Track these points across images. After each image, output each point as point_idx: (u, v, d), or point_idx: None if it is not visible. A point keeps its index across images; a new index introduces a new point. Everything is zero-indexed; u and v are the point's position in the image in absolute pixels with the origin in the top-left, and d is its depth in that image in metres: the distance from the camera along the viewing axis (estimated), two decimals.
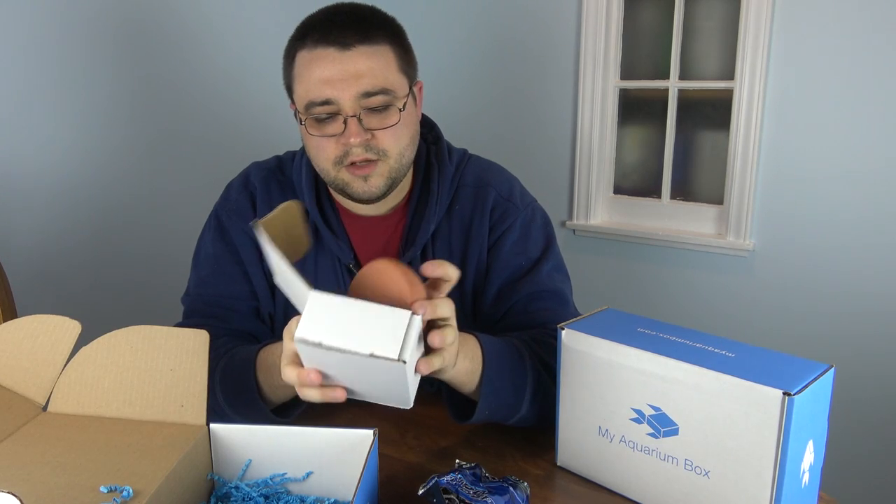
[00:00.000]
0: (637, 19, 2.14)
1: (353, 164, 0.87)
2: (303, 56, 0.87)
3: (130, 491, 0.55)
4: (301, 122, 0.89)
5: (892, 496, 1.88)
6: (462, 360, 0.73)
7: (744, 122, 1.91)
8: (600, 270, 2.29)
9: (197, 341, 0.70)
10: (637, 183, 2.24)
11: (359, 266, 0.95)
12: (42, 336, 0.72)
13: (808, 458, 0.62)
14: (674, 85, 2.09)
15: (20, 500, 0.50)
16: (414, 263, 0.94)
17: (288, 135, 1.44)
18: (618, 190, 2.27)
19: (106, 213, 1.88)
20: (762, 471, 0.60)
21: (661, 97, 2.12)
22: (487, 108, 2.38)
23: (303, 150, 0.98)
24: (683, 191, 2.15)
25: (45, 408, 0.70)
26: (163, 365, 0.69)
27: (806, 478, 0.63)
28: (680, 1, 2.02)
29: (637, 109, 2.20)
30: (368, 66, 0.85)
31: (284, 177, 0.99)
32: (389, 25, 0.90)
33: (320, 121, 0.86)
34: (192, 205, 1.99)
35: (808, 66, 1.82)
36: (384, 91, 0.86)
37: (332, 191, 0.97)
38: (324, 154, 0.88)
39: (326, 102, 0.85)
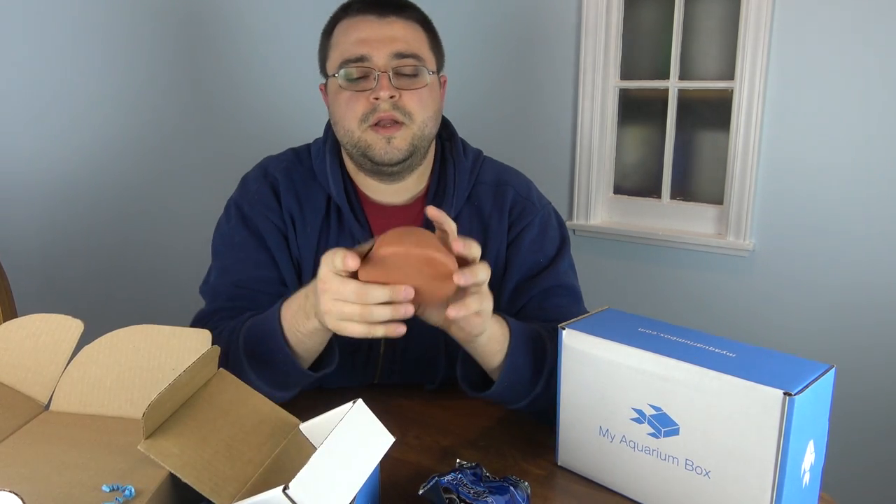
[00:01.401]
0: (637, 19, 2.14)
1: (377, 124, 0.90)
2: (342, 25, 0.94)
3: (132, 490, 0.55)
4: (327, 91, 0.95)
5: (893, 496, 1.88)
6: (494, 324, 0.77)
7: (744, 122, 1.92)
8: (600, 270, 2.29)
9: (199, 341, 0.70)
10: (637, 183, 2.24)
11: None
12: (44, 335, 0.72)
13: (809, 458, 0.63)
14: (674, 85, 2.09)
15: (22, 499, 0.50)
16: None
17: (292, 134, 1.44)
18: (618, 190, 2.27)
19: (107, 213, 1.88)
20: (763, 471, 0.60)
21: (661, 97, 2.12)
22: (487, 107, 2.38)
23: (324, 139, 1.01)
24: (683, 191, 2.16)
25: (47, 407, 0.71)
26: (165, 364, 0.69)
27: (806, 478, 0.63)
28: (680, 1, 2.02)
29: (637, 109, 2.20)
30: (403, 33, 0.91)
31: (304, 167, 1.00)
32: (422, 13, 0.97)
33: (352, 80, 0.91)
34: (195, 204, 1.99)
35: (808, 66, 1.82)
36: (416, 56, 0.91)
37: (355, 179, 0.99)
38: (352, 112, 0.91)
39: (361, 59, 0.90)
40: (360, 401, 0.60)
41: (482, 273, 0.67)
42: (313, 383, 0.99)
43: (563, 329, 0.73)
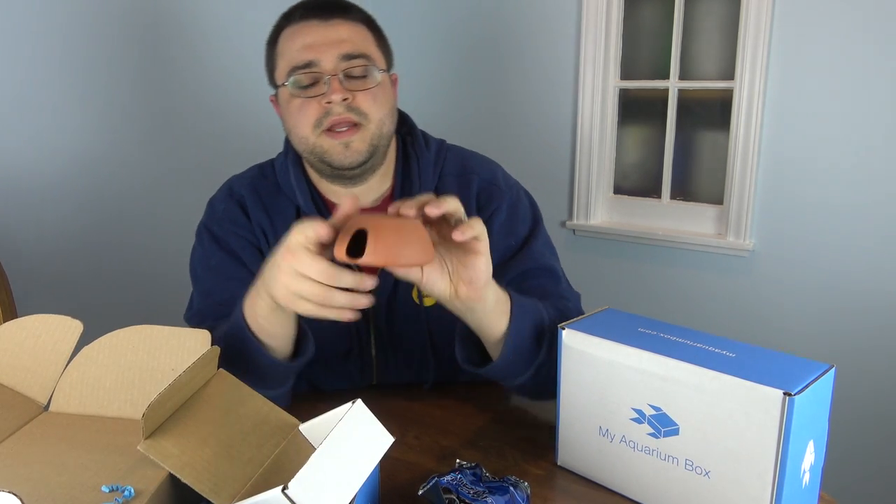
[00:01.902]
0: (637, 19, 2.14)
1: (331, 129, 0.89)
2: (286, 32, 0.92)
3: (132, 490, 0.55)
4: (278, 101, 0.94)
5: (893, 496, 1.88)
6: (494, 291, 0.76)
7: (744, 122, 1.92)
8: (600, 270, 2.29)
9: (198, 341, 0.70)
10: (637, 183, 2.24)
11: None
12: (44, 335, 0.72)
13: (809, 458, 0.63)
14: (674, 85, 2.09)
15: (21, 500, 0.50)
16: None
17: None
18: (618, 190, 2.27)
19: (107, 213, 1.88)
20: (763, 471, 0.60)
21: (661, 97, 2.12)
22: (487, 108, 2.38)
23: (285, 151, 1.00)
24: (683, 191, 2.16)
25: (46, 407, 0.71)
26: (164, 364, 0.69)
27: (806, 478, 0.63)
28: (680, 1, 2.02)
29: (637, 109, 2.20)
30: (349, 34, 0.90)
31: (269, 181, 1.00)
32: (365, 13, 0.96)
33: (302, 86, 0.89)
34: (196, 205, 1.98)
35: (808, 66, 1.82)
36: (364, 56, 0.90)
37: (319, 187, 0.98)
38: (304, 119, 0.90)
39: (309, 65, 0.88)
40: (359, 401, 0.60)
41: (478, 226, 0.68)
42: (303, 381, 0.99)
43: (563, 329, 0.73)
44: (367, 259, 0.61)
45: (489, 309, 0.76)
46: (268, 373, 0.81)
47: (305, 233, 0.65)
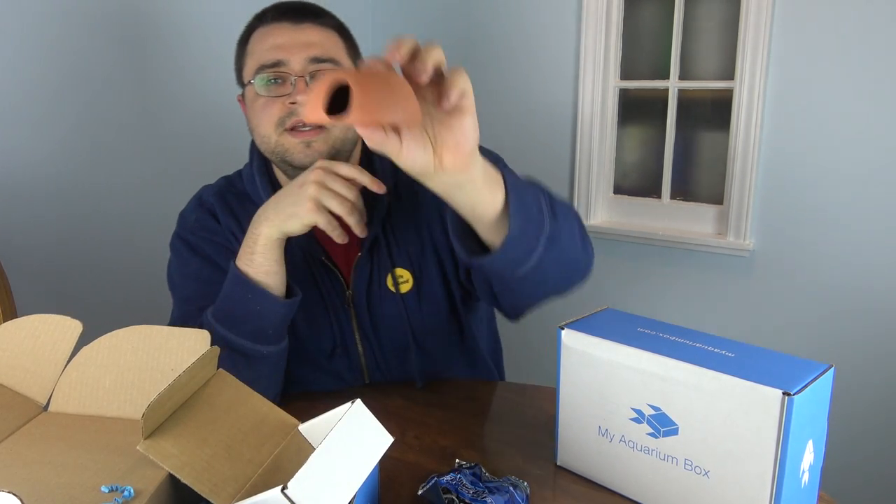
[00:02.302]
0: (637, 19, 2.14)
1: (294, 128, 0.90)
2: (257, 33, 0.94)
3: (132, 491, 0.55)
4: (244, 100, 0.95)
5: (893, 496, 1.88)
6: (481, 163, 0.66)
7: (744, 122, 1.92)
8: (600, 270, 2.28)
9: (198, 341, 0.70)
10: (637, 183, 2.24)
11: (329, 257, 0.97)
12: (43, 335, 0.72)
13: (808, 457, 0.63)
14: (674, 85, 2.09)
15: (21, 500, 0.50)
16: (377, 244, 0.97)
17: None
18: (618, 190, 2.27)
19: (107, 213, 1.88)
20: (762, 471, 0.60)
21: (661, 97, 2.12)
22: (487, 108, 2.38)
23: (250, 160, 1.02)
24: (683, 191, 2.15)
25: (45, 407, 0.71)
26: (164, 365, 0.69)
27: (806, 478, 0.63)
28: (680, 1, 2.02)
29: (637, 109, 2.20)
30: (319, 39, 0.91)
31: (237, 190, 1.02)
32: (337, 20, 0.97)
33: (268, 84, 0.90)
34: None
35: (808, 66, 1.82)
36: (332, 60, 0.91)
37: (283, 182, 0.99)
38: (267, 117, 0.90)
39: (277, 64, 0.89)
40: (358, 401, 0.60)
41: (462, 80, 0.59)
42: (295, 384, 0.99)
43: (563, 329, 0.73)
44: (353, 115, 0.50)
45: (479, 183, 0.66)
46: (267, 318, 0.85)
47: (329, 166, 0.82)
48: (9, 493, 0.50)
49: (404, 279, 0.98)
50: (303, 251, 0.97)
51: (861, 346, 1.86)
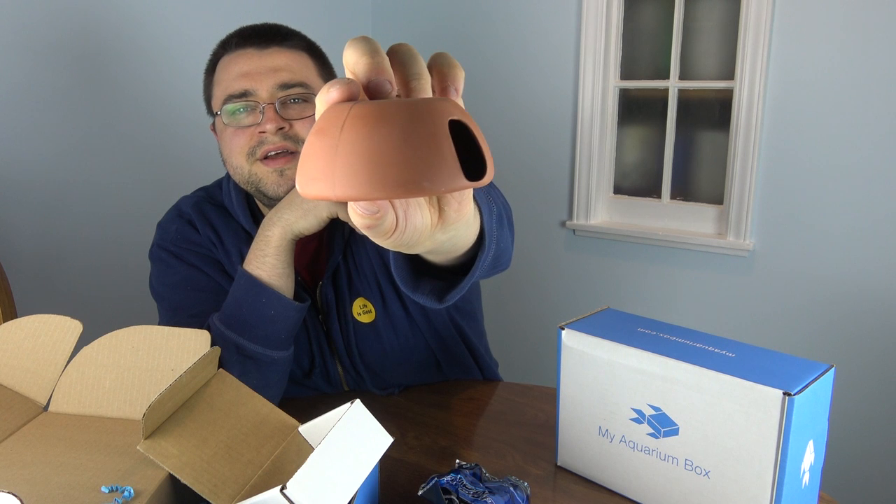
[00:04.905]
0: (637, 19, 2.14)
1: (266, 157, 0.88)
2: (223, 61, 0.91)
3: (132, 491, 0.55)
4: (215, 129, 0.92)
5: (893, 496, 1.88)
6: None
7: (744, 122, 1.92)
8: (600, 270, 2.29)
9: (198, 342, 0.70)
10: (637, 183, 2.24)
11: (303, 278, 0.96)
12: (43, 336, 0.72)
13: (809, 458, 0.63)
14: (674, 85, 2.09)
15: (21, 500, 0.50)
16: (338, 272, 0.96)
17: None
18: (618, 190, 2.27)
19: (107, 214, 1.88)
20: (762, 471, 0.60)
21: (661, 97, 2.12)
22: (487, 108, 2.38)
23: (227, 175, 1.00)
24: (683, 191, 2.16)
25: (46, 408, 0.71)
26: (164, 365, 0.69)
27: (806, 478, 0.63)
28: (680, 1, 2.02)
29: (637, 109, 2.20)
30: (286, 62, 0.89)
31: (215, 202, 1.01)
32: (307, 40, 0.94)
33: (237, 115, 0.88)
34: None
35: (808, 66, 1.82)
36: (302, 85, 0.88)
37: (263, 211, 0.98)
38: (237, 147, 0.89)
39: (244, 94, 0.87)
40: (358, 401, 0.60)
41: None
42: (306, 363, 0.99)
43: (563, 329, 0.73)
44: (489, 173, 0.37)
45: (471, 218, 0.51)
46: (281, 323, 0.84)
47: None
48: (9, 493, 0.50)
49: (367, 309, 0.97)
50: None
51: (861, 346, 1.86)
